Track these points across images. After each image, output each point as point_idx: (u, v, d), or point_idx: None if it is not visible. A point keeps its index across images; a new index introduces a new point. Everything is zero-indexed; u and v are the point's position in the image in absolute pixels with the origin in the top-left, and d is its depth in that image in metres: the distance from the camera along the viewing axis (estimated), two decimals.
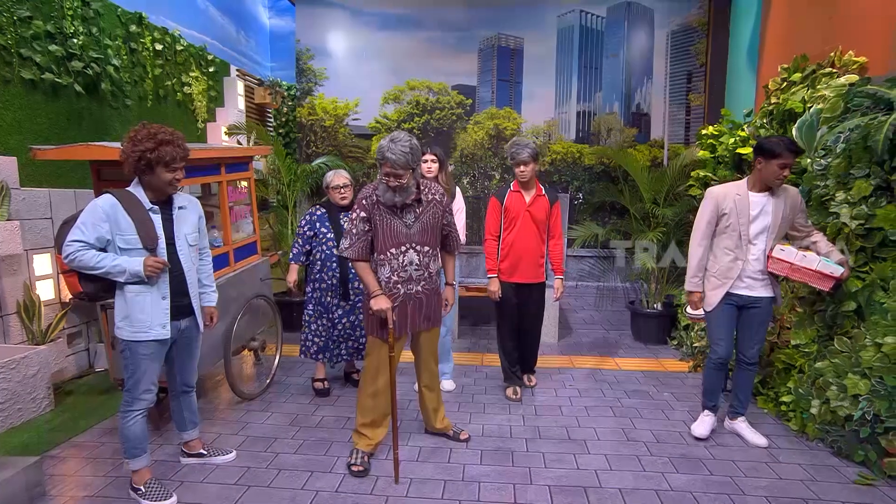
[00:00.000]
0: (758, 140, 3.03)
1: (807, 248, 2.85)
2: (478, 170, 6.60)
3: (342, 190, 3.49)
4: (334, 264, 3.46)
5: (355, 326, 3.55)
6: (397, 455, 2.65)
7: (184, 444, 2.78)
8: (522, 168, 3.37)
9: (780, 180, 2.74)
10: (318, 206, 3.58)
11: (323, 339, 3.57)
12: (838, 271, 2.74)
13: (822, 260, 2.76)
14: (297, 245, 3.54)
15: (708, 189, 2.99)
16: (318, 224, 3.51)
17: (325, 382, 3.68)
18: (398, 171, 2.50)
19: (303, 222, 3.55)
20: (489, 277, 3.52)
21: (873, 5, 3.48)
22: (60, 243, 2.40)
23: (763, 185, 2.79)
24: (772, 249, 2.80)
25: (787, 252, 2.77)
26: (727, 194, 2.86)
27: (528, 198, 3.46)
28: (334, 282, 3.48)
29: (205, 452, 2.78)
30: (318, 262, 3.51)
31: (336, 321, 3.53)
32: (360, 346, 3.58)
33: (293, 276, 3.58)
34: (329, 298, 3.51)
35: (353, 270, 3.36)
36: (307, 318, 3.59)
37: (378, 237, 2.66)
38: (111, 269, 2.25)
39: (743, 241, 2.82)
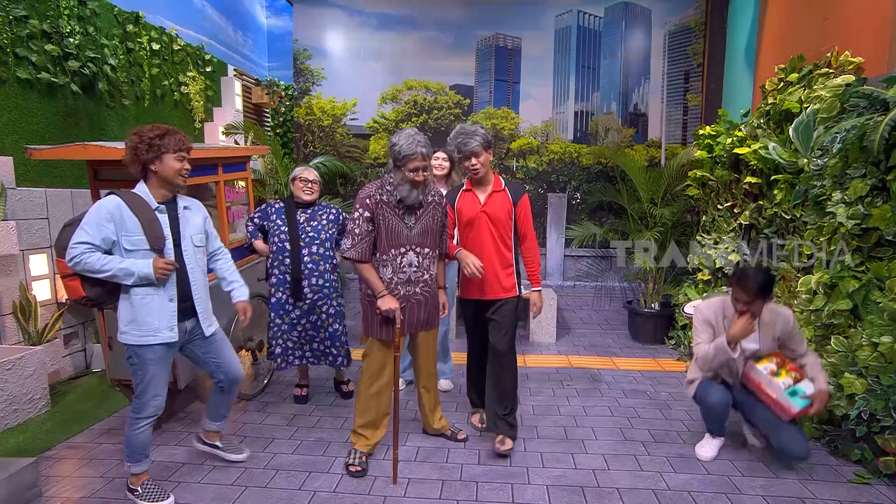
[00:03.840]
0: None
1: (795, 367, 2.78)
2: None
3: (310, 184, 3.34)
4: (286, 259, 3.30)
5: (318, 328, 3.38)
6: (396, 455, 2.65)
7: (203, 432, 2.73)
8: (473, 162, 2.75)
9: (737, 313, 2.68)
10: (277, 201, 3.48)
11: (282, 340, 3.40)
12: (796, 408, 2.62)
13: (783, 392, 2.66)
14: (248, 232, 3.43)
15: (695, 307, 2.96)
16: (273, 216, 3.35)
17: (304, 389, 3.57)
18: (426, 164, 2.54)
19: (255, 211, 3.44)
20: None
21: (869, 6, 3.49)
22: (61, 247, 2.30)
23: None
24: (745, 365, 2.80)
25: (757, 372, 2.75)
26: (716, 313, 2.81)
27: (482, 196, 2.85)
28: (286, 277, 3.30)
29: (219, 445, 2.74)
30: (271, 255, 3.34)
31: (294, 322, 3.36)
32: (326, 350, 3.43)
33: (261, 245, 3.40)
34: (281, 295, 3.34)
35: (307, 268, 3.28)
36: (270, 317, 3.43)
37: (380, 238, 2.64)
38: (118, 272, 2.17)
39: (732, 362, 2.78)
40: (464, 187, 2.93)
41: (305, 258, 3.30)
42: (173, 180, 2.29)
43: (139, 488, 2.41)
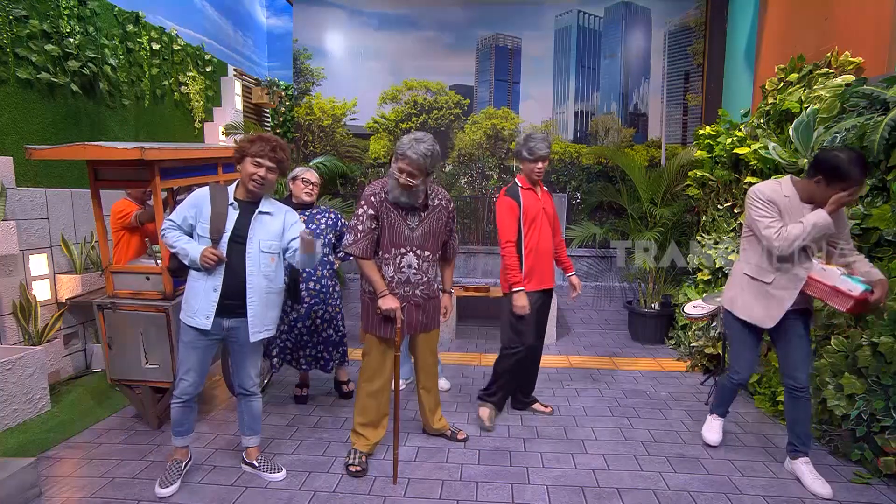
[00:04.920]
0: (819, 154, 2.41)
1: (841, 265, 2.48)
2: (475, 170, 6.60)
3: (311, 186, 3.33)
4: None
5: (312, 332, 3.36)
6: (396, 455, 2.65)
7: (245, 451, 2.73)
8: (541, 165, 3.08)
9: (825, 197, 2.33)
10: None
11: (280, 341, 3.35)
12: (859, 289, 2.28)
13: (843, 276, 2.35)
14: None
15: (752, 188, 2.57)
16: None
17: (304, 390, 3.56)
18: (413, 171, 2.49)
19: None
20: (515, 291, 3.02)
21: (869, 6, 3.49)
22: None
23: (810, 199, 2.43)
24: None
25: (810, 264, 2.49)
26: (775, 192, 2.48)
27: (540, 194, 3.20)
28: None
29: (255, 464, 2.69)
30: None
31: (292, 323, 3.33)
32: (319, 356, 3.42)
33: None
34: None
35: (305, 271, 3.28)
36: None
37: (384, 236, 2.64)
38: (179, 250, 2.40)
39: (792, 256, 2.44)
40: (521, 186, 3.16)
41: None
42: (245, 182, 2.45)
43: (167, 465, 2.53)
